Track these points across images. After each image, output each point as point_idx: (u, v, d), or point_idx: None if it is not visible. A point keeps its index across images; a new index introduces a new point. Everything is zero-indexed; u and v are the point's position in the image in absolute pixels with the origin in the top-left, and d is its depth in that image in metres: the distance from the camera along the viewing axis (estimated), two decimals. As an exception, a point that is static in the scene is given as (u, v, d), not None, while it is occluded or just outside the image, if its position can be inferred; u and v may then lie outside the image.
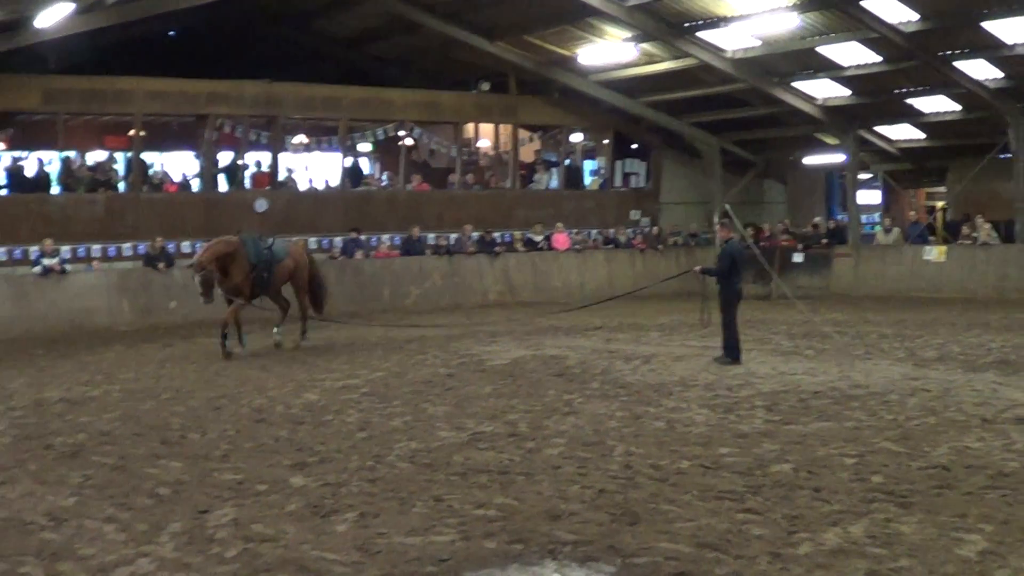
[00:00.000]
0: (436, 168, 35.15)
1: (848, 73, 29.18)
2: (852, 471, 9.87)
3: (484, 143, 36.12)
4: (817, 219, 33.93)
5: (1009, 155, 29.63)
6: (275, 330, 20.70)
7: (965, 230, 30.24)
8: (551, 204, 33.88)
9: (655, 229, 34.61)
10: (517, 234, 32.22)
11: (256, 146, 30.42)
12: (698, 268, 18.39)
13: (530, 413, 13.07)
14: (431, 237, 30.67)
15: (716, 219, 19.23)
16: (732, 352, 17.04)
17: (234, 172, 30.13)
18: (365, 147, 34.05)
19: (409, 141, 32.44)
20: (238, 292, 19.78)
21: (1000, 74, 27.80)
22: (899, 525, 8.15)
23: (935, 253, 29.96)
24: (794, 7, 25.40)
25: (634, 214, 35.42)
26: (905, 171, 35.64)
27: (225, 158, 30.60)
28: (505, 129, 34.44)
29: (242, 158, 30.27)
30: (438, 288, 29.66)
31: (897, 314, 24.74)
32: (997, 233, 29.67)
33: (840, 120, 32.21)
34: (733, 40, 28.46)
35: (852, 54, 28.13)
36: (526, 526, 8.31)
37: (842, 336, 20.38)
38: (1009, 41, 25.74)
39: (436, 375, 16.50)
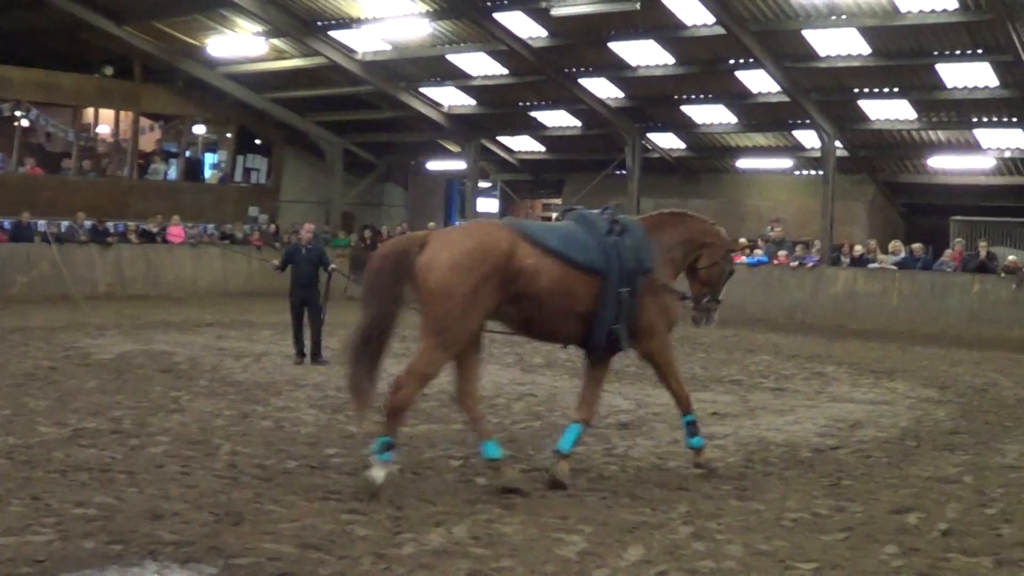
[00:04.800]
0: (51, 152, 33.72)
1: (475, 83, 29.85)
2: (458, 473, 10.05)
3: (104, 129, 34.82)
4: (432, 224, 34.35)
5: (624, 171, 31.00)
6: None
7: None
8: (169, 196, 33.18)
9: (273, 226, 34.32)
10: (132, 225, 31.12)
11: None
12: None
13: (135, 410, 12.70)
14: (42, 224, 29.18)
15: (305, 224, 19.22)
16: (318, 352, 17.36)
17: None
18: (-24, 126, 32.20)
19: (25, 122, 30.89)
20: None
21: (621, 94, 29.12)
22: (502, 526, 8.29)
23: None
24: (427, 14, 25.76)
25: (253, 210, 35.06)
26: (524, 181, 36.80)
27: None
28: (126, 116, 33.38)
29: None
30: (46, 277, 28.11)
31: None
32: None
33: (463, 128, 32.88)
34: (364, 42, 28.62)
35: (480, 65, 28.79)
36: (126, 526, 8.02)
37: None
38: (632, 63, 27.00)
39: (39, 368, 15.87)
